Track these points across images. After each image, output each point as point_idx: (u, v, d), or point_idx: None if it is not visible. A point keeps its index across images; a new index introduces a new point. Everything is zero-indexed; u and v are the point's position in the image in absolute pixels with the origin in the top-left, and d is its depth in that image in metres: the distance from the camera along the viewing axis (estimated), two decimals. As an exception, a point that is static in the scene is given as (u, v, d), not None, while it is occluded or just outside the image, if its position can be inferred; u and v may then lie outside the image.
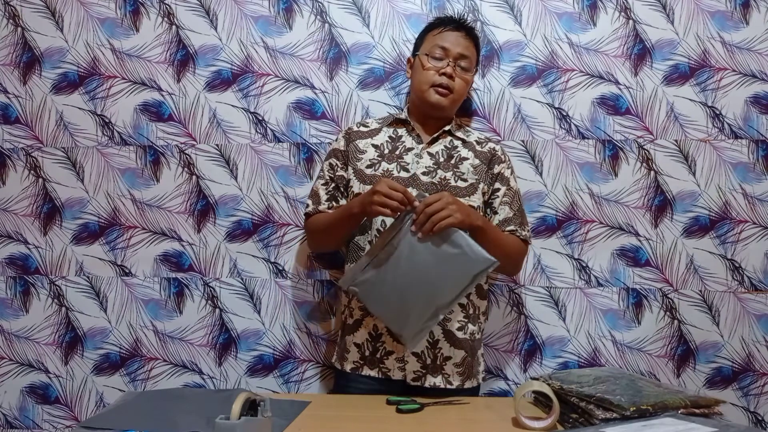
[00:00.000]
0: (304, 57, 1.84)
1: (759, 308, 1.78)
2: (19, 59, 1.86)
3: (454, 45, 1.56)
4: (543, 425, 1.26)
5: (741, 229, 1.79)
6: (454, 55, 1.56)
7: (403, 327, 1.41)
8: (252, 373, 1.80)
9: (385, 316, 1.43)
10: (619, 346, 1.78)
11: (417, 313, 1.40)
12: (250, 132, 1.83)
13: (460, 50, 1.57)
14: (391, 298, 1.40)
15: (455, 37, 1.57)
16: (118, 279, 1.82)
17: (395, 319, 1.42)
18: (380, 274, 1.41)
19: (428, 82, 1.56)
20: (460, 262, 1.37)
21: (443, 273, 1.38)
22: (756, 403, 1.76)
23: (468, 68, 1.58)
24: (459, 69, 1.56)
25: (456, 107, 1.62)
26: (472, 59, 1.60)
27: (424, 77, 1.56)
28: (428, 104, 1.57)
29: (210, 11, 1.85)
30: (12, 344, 1.83)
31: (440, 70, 1.55)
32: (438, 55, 1.56)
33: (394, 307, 1.41)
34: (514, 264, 1.63)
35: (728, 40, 1.81)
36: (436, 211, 1.36)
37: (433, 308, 1.40)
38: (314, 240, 1.66)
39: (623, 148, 1.80)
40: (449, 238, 1.37)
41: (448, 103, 1.57)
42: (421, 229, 1.36)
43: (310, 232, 1.64)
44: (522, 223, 1.60)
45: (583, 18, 1.82)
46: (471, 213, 1.42)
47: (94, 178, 1.84)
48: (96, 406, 1.81)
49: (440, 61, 1.56)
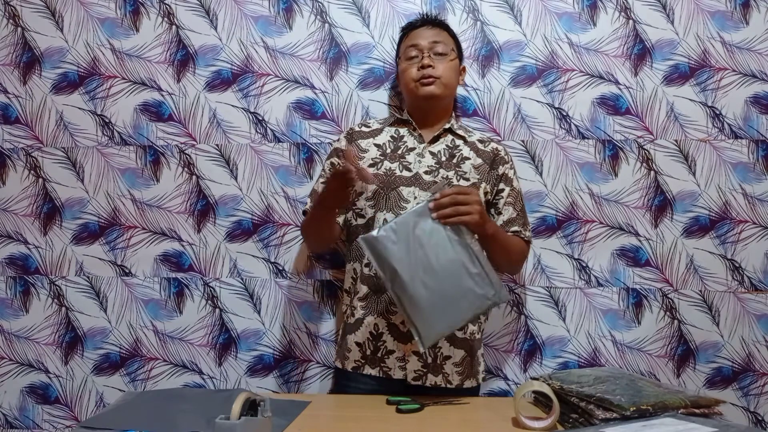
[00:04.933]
0: (304, 57, 1.84)
1: (759, 308, 1.78)
2: (19, 59, 1.86)
3: (423, 38, 1.60)
4: (543, 425, 1.26)
5: (741, 229, 1.79)
6: (426, 46, 1.58)
7: (429, 322, 1.36)
8: (252, 373, 1.80)
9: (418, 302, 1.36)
10: (619, 346, 1.78)
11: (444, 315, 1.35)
12: (250, 132, 1.83)
13: (430, 39, 1.59)
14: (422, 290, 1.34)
15: (422, 31, 1.62)
16: (118, 279, 1.82)
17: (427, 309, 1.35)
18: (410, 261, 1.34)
19: (412, 80, 1.58)
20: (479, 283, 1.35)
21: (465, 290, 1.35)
22: (756, 403, 1.76)
23: (445, 52, 1.59)
24: (436, 56, 1.58)
25: (450, 93, 1.62)
26: (447, 43, 1.61)
27: (407, 77, 1.59)
28: (421, 99, 1.58)
29: (210, 11, 1.85)
30: (12, 344, 1.83)
31: (418, 65, 1.57)
32: (412, 54, 1.60)
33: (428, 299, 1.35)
34: (517, 266, 1.65)
35: (728, 40, 1.81)
36: (463, 203, 1.35)
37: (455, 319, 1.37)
38: (306, 238, 1.68)
39: (623, 148, 1.80)
40: (473, 252, 1.35)
41: (439, 90, 1.57)
42: (441, 213, 1.34)
43: (302, 230, 1.66)
44: (525, 224, 1.61)
45: (583, 18, 1.82)
46: (487, 221, 1.42)
47: (94, 178, 1.84)
48: (96, 406, 1.81)
49: (415, 58, 1.59)
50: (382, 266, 1.35)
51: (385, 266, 1.34)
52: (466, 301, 1.35)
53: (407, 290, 1.33)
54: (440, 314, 1.34)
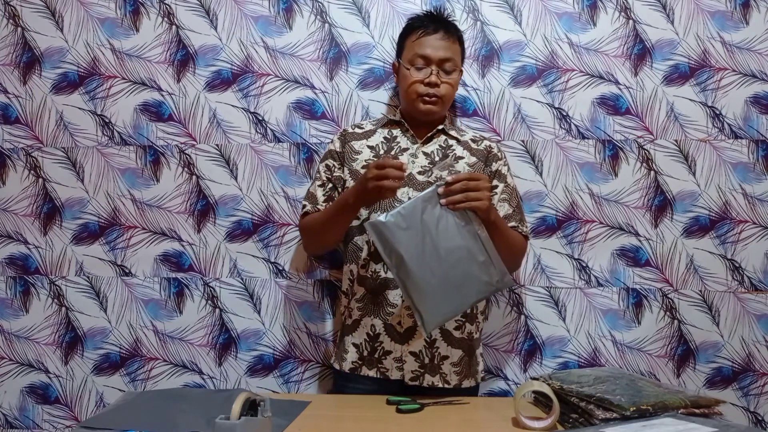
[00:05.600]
0: (304, 57, 1.84)
1: (759, 308, 1.78)
2: (19, 59, 1.86)
3: (435, 50, 1.54)
4: (543, 425, 1.26)
5: (741, 229, 1.79)
6: (435, 61, 1.53)
7: (434, 305, 1.36)
8: (252, 373, 1.80)
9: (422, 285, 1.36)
10: (619, 346, 1.78)
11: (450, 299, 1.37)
12: (250, 132, 1.83)
13: (442, 54, 1.54)
14: (430, 275, 1.35)
15: (434, 40, 1.54)
16: (118, 279, 1.82)
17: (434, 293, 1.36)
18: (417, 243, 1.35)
19: (415, 93, 1.55)
20: (485, 269, 1.36)
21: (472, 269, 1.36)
22: (756, 403, 1.76)
23: (452, 70, 1.56)
24: (443, 73, 1.55)
25: (446, 108, 1.62)
26: (456, 59, 1.57)
27: (410, 88, 1.55)
28: (419, 113, 1.57)
29: (210, 11, 1.85)
30: (12, 344, 1.83)
31: (425, 80, 1.53)
32: (420, 65, 1.54)
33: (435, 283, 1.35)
34: (516, 260, 1.63)
35: (728, 40, 1.81)
36: (474, 189, 1.34)
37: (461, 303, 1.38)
38: (309, 239, 1.63)
39: (623, 148, 1.80)
40: (479, 239, 1.36)
41: (438, 109, 1.57)
42: (451, 199, 1.34)
43: (305, 231, 1.62)
44: (521, 220, 1.61)
45: (583, 18, 1.82)
46: (492, 209, 1.44)
47: (94, 178, 1.84)
48: (96, 406, 1.81)
49: (422, 70, 1.54)
50: (387, 251, 1.34)
51: (391, 252, 1.34)
52: (471, 287, 1.36)
53: (412, 276, 1.34)
54: (444, 300, 1.35)
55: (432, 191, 1.35)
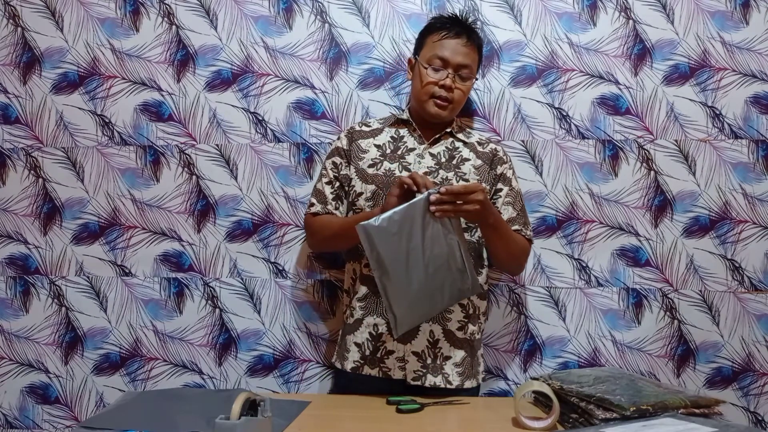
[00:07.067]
0: (304, 57, 1.84)
1: (759, 308, 1.78)
2: (19, 59, 1.86)
3: (454, 54, 1.53)
4: (543, 425, 1.26)
5: (741, 229, 1.79)
6: (453, 65, 1.53)
7: (408, 309, 1.39)
8: (252, 373, 1.80)
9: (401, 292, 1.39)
10: (619, 346, 1.78)
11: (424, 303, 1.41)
12: (250, 132, 1.83)
13: (460, 60, 1.53)
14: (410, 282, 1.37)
15: (455, 45, 1.54)
16: (118, 279, 1.82)
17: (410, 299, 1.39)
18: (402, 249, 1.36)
19: (427, 93, 1.55)
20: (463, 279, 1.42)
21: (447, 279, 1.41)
22: (756, 403, 1.76)
23: (468, 77, 1.56)
24: (459, 78, 1.54)
25: (455, 114, 1.62)
26: (473, 66, 1.57)
27: (424, 88, 1.55)
28: (428, 114, 1.57)
29: (210, 11, 1.85)
30: (12, 344, 1.83)
31: (439, 82, 1.53)
32: (437, 66, 1.54)
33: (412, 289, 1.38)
34: (518, 263, 1.63)
35: (728, 40, 1.81)
36: (467, 202, 1.35)
37: (433, 307, 1.43)
38: (317, 240, 1.63)
39: (623, 148, 1.80)
40: (459, 250, 1.39)
41: (447, 114, 1.57)
42: (440, 208, 1.33)
43: (314, 231, 1.62)
44: (525, 223, 1.61)
45: (583, 18, 1.82)
46: (490, 212, 1.42)
47: (94, 178, 1.84)
48: (96, 406, 1.81)
49: (439, 72, 1.54)
50: (373, 255, 1.35)
51: (376, 256, 1.34)
52: (445, 293, 1.41)
53: (393, 281, 1.36)
54: (419, 305, 1.40)
55: (424, 198, 1.34)
